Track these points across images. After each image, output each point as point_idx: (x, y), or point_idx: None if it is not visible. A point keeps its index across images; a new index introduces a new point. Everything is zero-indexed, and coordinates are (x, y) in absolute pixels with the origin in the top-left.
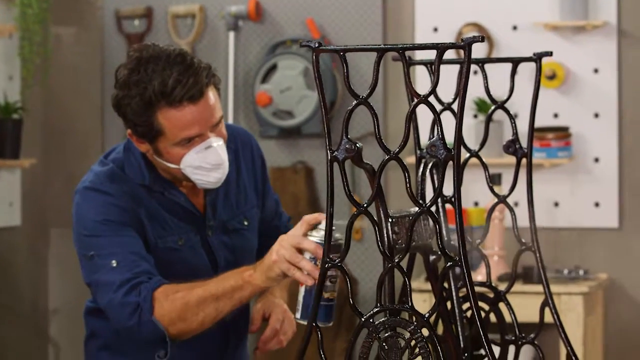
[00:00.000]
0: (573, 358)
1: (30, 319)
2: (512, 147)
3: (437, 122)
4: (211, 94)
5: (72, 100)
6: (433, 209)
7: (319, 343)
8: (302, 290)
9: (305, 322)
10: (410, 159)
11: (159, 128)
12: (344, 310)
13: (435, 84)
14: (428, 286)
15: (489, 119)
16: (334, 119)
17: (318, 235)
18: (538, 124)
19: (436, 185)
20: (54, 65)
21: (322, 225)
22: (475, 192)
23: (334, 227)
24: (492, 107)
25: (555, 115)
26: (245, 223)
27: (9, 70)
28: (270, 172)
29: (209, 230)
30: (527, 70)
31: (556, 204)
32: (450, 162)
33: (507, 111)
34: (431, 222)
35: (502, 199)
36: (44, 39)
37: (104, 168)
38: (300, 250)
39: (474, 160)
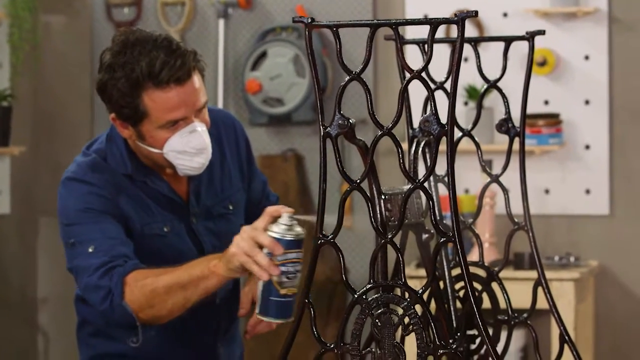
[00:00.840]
0: (566, 338)
1: (19, 308)
2: (504, 125)
3: (430, 98)
4: (196, 78)
5: (62, 88)
6: (426, 186)
7: (312, 321)
8: (260, 285)
9: (264, 318)
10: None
11: (144, 110)
12: (334, 299)
13: (428, 59)
14: (419, 272)
15: (481, 98)
16: (325, 104)
17: (278, 229)
18: (528, 110)
19: (428, 163)
20: (43, 53)
21: (284, 220)
22: (466, 179)
23: (295, 221)
24: (485, 86)
25: (546, 102)
26: (231, 207)
27: None
28: (259, 160)
29: (193, 217)
30: (518, 56)
31: (547, 191)
32: (443, 139)
33: (499, 89)
34: (424, 201)
35: (494, 179)
36: (34, 26)
37: (86, 158)
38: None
39: (464, 146)
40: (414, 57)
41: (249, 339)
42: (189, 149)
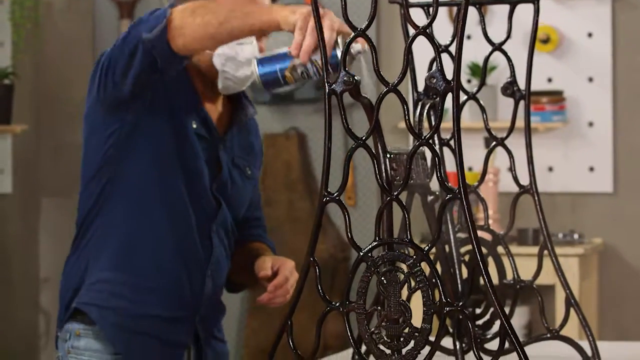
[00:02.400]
0: (572, 301)
1: (21, 288)
2: (509, 89)
3: (436, 55)
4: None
5: (64, 66)
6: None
7: (316, 279)
8: (283, 50)
9: (254, 68)
10: (403, 125)
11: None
12: (336, 277)
13: (433, 17)
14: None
15: (486, 61)
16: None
17: (342, 41)
18: (531, 88)
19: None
20: (45, 32)
21: (356, 47)
22: (469, 157)
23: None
24: (490, 49)
25: (550, 80)
26: (249, 172)
27: (0, 36)
28: (262, 138)
29: (222, 145)
30: (520, 36)
31: (550, 169)
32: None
33: (504, 52)
34: (429, 163)
35: (500, 141)
36: (35, 3)
37: None
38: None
39: (467, 124)
40: (418, 22)
41: (263, 302)
42: (239, 57)
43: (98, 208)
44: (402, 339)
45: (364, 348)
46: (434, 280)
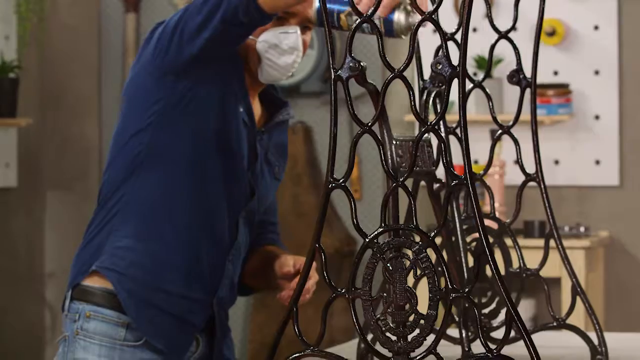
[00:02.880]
0: (578, 289)
1: (26, 282)
2: (516, 77)
3: (442, 41)
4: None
5: (69, 60)
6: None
7: (322, 265)
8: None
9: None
10: (409, 117)
11: None
12: (342, 273)
13: (438, 3)
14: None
15: (492, 49)
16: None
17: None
18: (537, 81)
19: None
20: (50, 26)
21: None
22: (475, 150)
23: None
24: (497, 37)
25: (555, 73)
26: (277, 170)
27: (5, 30)
28: None
29: (259, 135)
30: (526, 30)
31: (556, 162)
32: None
33: (510, 40)
34: (435, 151)
35: (506, 129)
36: None
37: None
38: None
39: (472, 117)
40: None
41: (283, 299)
42: (282, 45)
43: (129, 173)
44: (408, 326)
45: (370, 336)
46: (440, 268)
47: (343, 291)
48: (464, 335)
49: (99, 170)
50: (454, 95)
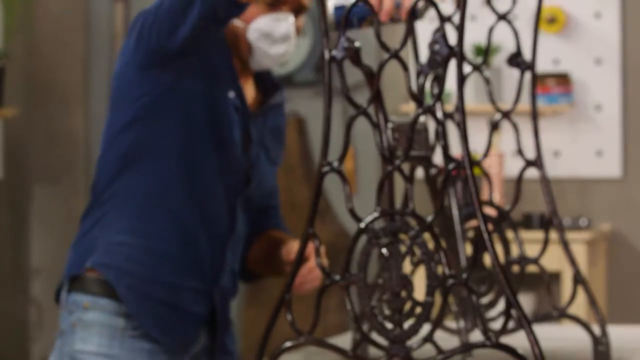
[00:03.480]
0: (578, 278)
1: (11, 278)
2: (515, 60)
3: (439, 21)
4: None
5: (56, 49)
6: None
7: (316, 250)
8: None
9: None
10: (406, 108)
11: None
12: (335, 268)
13: None
14: None
15: (491, 30)
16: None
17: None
18: (537, 70)
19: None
20: (37, 14)
21: None
22: (473, 141)
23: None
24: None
25: (555, 62)
26: (273, 155)
27: None
28: None
29: (253, 119)
30: (527, 19)
31: (557, 154)
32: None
33: (509, 22)
34: (432, 136)
35: (505, 113)
36: None
37: None
38: None
39: (469, 107)
40: None
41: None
42: (273, 33)
43: (120, 168)
44: (404, 313)
45: (365, 329)
46: (436, 254)
47: (337, 278)
48: (462, 325)
49: (86, 163)
50: (451, 84)
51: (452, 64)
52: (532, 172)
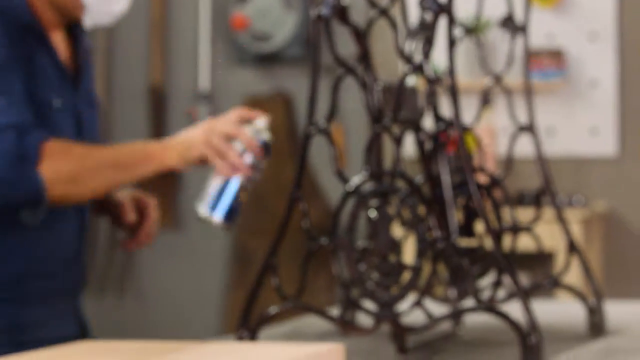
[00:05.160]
0: (574, 246)
1: None
2: (506, 23)
3: None
4: None
5: None
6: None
7: (304, 213)
8: (215, 182)
9: (209, 215)
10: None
11: None
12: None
13: None
14: None
15: None
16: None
17: (250, 130)
18: (530, 45)
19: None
20: None
21: (260, 123)
22: (465, 118)
23: (262, 126)
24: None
25: (549, 37)
26: (93, 96)
27: None
28: (246, 101)
29: (79, 98)
30: None
31: (550, 132)
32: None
33: None
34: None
35: (496, 78)
36: None
37: None
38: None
39: (462, 83)
40: None
41: (130, 247)
42: None
43: None
44: (392, 277)
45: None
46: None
47: (325, 241)
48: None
49: None
50: (441, 54)
51: (442, 28)
52: (526, 150)
